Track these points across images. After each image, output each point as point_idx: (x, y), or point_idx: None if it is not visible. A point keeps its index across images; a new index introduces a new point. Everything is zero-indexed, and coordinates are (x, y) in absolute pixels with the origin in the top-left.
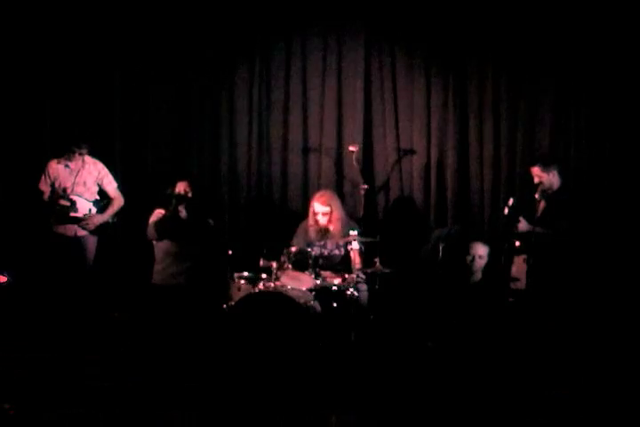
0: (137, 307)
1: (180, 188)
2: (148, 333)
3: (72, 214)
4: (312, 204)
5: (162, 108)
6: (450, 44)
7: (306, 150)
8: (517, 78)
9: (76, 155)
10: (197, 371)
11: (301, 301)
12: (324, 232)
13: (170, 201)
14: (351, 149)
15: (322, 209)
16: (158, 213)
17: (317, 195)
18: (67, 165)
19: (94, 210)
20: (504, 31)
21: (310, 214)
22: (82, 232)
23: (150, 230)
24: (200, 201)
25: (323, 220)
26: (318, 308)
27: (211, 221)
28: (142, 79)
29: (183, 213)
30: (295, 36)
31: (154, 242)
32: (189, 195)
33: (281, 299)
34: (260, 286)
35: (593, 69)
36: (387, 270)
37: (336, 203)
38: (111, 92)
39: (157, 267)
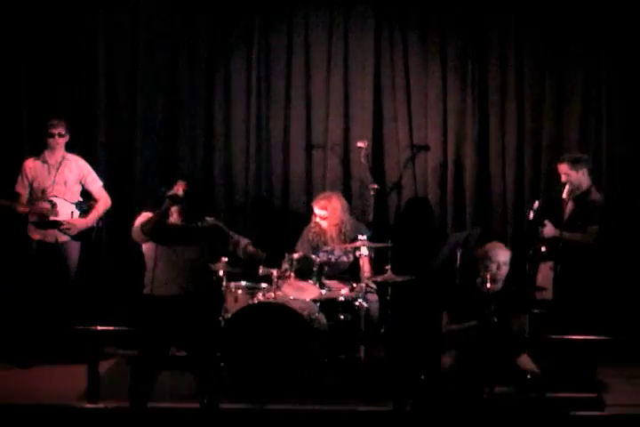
0: (125, 321)
1: (179, 188)
2: (136, 350)
3: (52, 218)
4: (312, 206)
5: (150, 100)
6: (467, 28)
7: (309, 147)
8: (542, 65)
9: (55, 139)
10: (193, 390)
11: (305, 313)
12: (322, 237)
13: (162, 201)
14: (359, 145)
15: (320, 213)
16: (145, 216)
17: (317, 197)
18: (44, 161)
19: (77, 213)
20: (526, 12)
21: (312, 217)
22: (63, 238)
23: (136, 230)
24: (195, 204)
25: (324, 223)
26: (324, 321)
27: (210, 219)
28: (128, 65)
29: (174, 216)
30: (297, 20)
31: (143, 247)
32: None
33: (282, 311)
34: (260, 296)
35: (627, 53)
36: (399, 279)
37: (337, 206)
38: (95, 81)
39: (148, 275)
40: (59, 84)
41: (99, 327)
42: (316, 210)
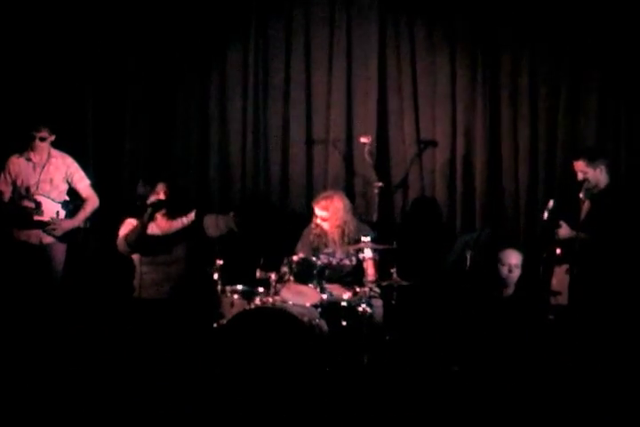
0: (114, 326)
1: (160, 192)
2: (124, 357)
3: (36, 218)
4: (313, 206)
5: (142, 93)
6: (477, 16)
7: (310, 142)
8: (558, 57)
9: (37, 142)
10: (184, 401)
11: (305, 318)
12: (323, 239)
13: (143, 208)
14: (363, 140)
15: (321, 213)
16: (129, 223)
17: (318, 196)
18: (28, 159)
19: (63, 213)
20: (541, 4)
21: (313, 218)
22: (48, 239)
23: (121, 243)
24: (178, 205)
25: (325, 225)
26: (325, 327)
27: (192, 214)
28: (119, 59)
29: (159, 220)
30: (297, 9)
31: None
32: (164, 199)
33: (281, 317)
34: (257, 301)
35: None
36: (405, 283)
37: (339, 205)
38: (83, 75)
39: (136, 277)
40: (45, 79)
41: None
42: (317, 210)
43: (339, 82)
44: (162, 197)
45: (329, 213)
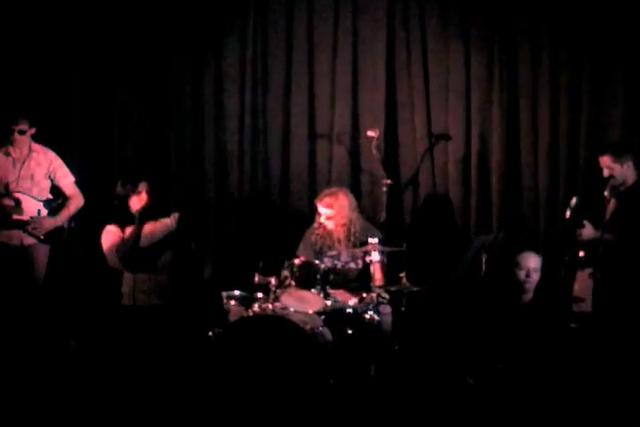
0: (101, 335)
1: (142, 191)
2: (114, 368)
3: (16, 217)
4: (316, 204)
5: (131, 82)
6: (493, 5)
7: (312, 136)
8: (580, 44)
9: (16, 136)
10: (180, 414)
11: (307, 327)
12: (327, 239)
13: (123, 210)
14: (370, 134)
15: (324, 212)
16: (111, 232)
17: (321, 194)
18: (7, 153)
19: (45, 211)
20: None
21: (316, 217)
22: (29, 240)
23: (111, 258)
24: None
25: (329, 224)
26: (329, 335)
27: (175, 215)
28: (106, 44)
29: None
30: None
31: None
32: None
33: (281, 324)
34: (256, 307)
35: None
36: (415, 288)
37: (344, 204)
38: (67, 61)
39: (125, 283)
40: (26, 74)
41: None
42: (320, 208)
43: (344, 70)
44: (144, 196)
45: (333, 211)
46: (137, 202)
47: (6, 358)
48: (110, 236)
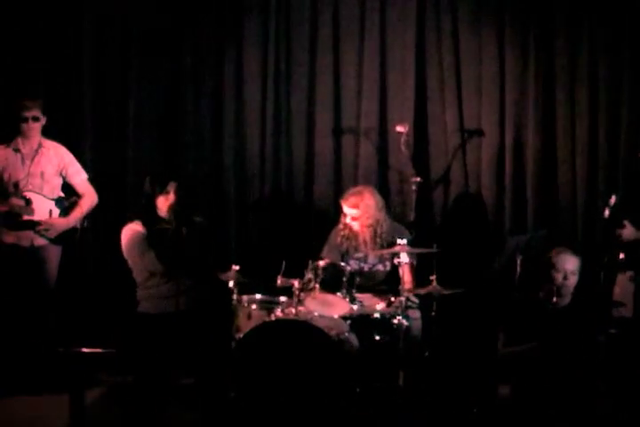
0: (117, 341)
1: (170, 190)
2: (131, 376)
3: (26, 217)
4: (341, 204)
5: (147, 73)
6: None
7: (338, 132)
8: (620, 38)
9: (29, 124)
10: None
11: (333, 332)
12: (353, 241)
13: (152, 217)
14: (399, 129)
15: (350, 212)
16: (135, 231)
17: (347, 193)
18: (16, 149)
19: (56, 211)
20: None
21: (341, 217)
22: (40, 241)
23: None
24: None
25: (355, 225)
26: (355, 342)
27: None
28: (121, 34)
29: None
30: None
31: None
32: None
33: (305, 330)
34: (278, 312)
35: None
36: (446, 292)
37: (371, 203)
38: (79, 54)
39: (140, 288)
40: (36, 58)
41: (84, 349)
42: (346, 208)
43: (371, 63)
44: (171, 197)
45: (359, 212)
46: (164, 202)
47: (14, 361)
48: (130, 232)
